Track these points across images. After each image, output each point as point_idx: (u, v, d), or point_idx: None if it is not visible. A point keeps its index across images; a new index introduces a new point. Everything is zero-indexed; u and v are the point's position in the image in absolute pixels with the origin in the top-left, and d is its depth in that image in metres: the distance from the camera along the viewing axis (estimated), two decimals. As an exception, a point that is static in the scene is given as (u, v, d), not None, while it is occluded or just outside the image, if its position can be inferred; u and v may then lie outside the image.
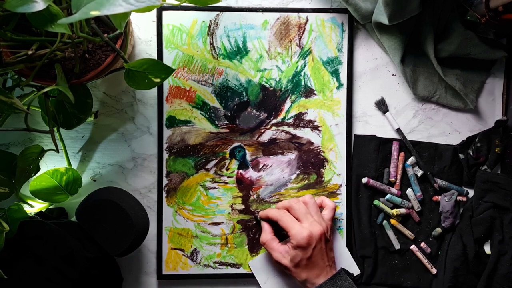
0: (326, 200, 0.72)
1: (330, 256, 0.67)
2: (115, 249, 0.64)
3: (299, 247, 0.65)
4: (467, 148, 0.75)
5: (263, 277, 0.73)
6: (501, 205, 0.72)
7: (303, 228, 0.65)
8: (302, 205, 0.68)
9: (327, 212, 0.70)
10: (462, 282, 0.72)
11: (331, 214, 0.70)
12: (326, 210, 0.70)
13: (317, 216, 0.68)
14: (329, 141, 0.74)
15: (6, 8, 0.46)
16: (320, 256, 0.65)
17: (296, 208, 0.68)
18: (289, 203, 0.68)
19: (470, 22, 0.70)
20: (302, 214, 0.67)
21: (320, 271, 0.65)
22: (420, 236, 0.75)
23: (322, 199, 0.72)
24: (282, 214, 0.67)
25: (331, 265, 0.67)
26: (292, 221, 0.66)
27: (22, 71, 0.59)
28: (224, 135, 0.74)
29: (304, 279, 0.66)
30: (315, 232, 0.65)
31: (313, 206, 0.69)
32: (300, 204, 0.68)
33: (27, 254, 0.60)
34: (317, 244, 0.65)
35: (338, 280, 0.65)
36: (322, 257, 0.66)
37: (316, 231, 0.65)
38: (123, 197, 0.65)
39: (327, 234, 0.67)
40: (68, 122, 0.65)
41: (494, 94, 0.76)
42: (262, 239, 0.69)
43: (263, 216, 0.70)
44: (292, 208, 0.68)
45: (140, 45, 0.74)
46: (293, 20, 0.73)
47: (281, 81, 0.74)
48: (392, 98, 0.76)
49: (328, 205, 0.71)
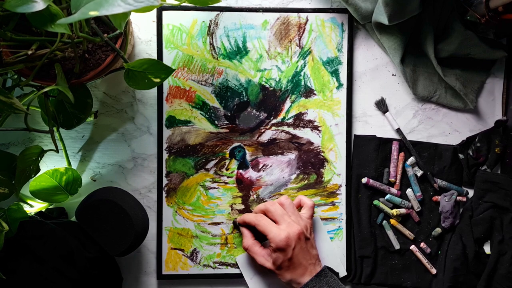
0: (303, 199, 0.72)
1: (313, 254, 0.67)
2: (115, 249, 0.64)
3: (278, 250, 0.65)
4: (467, 148, 0.75)
5: (250, 273, 0.73)
6: (501, 205, 0.72)
7: (280, 230, 0.65)
8: (278, 207, 0.68)
9: (306, 211, 0.70)
10: (462, 282, 0.72)
11: (310, 212, 0.70)
12: (305, 209, 0.71)
13: (295, 216, 0.68)
14: (329, 141, 0.74)
15: (6, 8, 0.46)
16: (302, 255, 0.65)
17: (272, 210, 0.68)
18: (265, 206, 0.69)
19: (470, 22, 0.70)
20: (278, 215, 0.67)
21: (303, 270, 0.65)
22: (420, 236, 0.75)
23: (300, 198, 0.72)
24: (258, 218, 0.68)
25: (315, 263, 0.67)
26: (269, 224, 0.66)
27: (22, 71, 0.59)
28: (224, 135, 0.74)
29: (289, 279, 0.66)
30: (292, 232, 0.65)
31: (290, 206, 0.69)
32: (276, 206, 0.68)
33: (27, 254, 0.60)
34: (296, 244, 0.65)
35: (324, 277, 0.65)
36: (304, 256, 0.66)
37: (293, 232, 0.65)
38: (123, 197, 0.65)
39: (306, 233, 0.67)
40: (68, 122, 0.65)
41: (494, 94, 0.76)
42: (243, 244, 0.69)
43: (240, 222, 0.71)
44: (268, 211, 0.68)
45: (140, 45, 0.74)
46: (293, 20, 0.73)
47: (281, 81, 0.74)
48: (392, 98, 0.76)
49: (306, 204, 0.71)
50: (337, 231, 0.75)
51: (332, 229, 0.74)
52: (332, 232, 0.74)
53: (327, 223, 0.74)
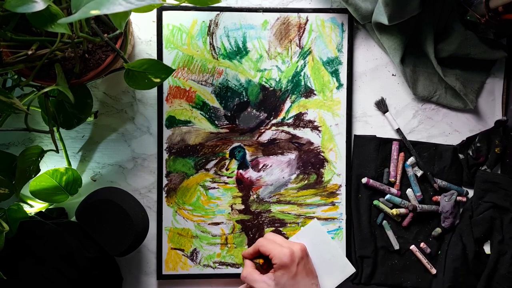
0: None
1: (314, 274, 0.67)
2: (115, 249, 0.64)
3: (282, 267, 0.64)
4: (467, 148, 0.75)
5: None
6: (501, 205, 0.72)
7: (283, 247, 0.65)
8: (271, 236, 0.69)
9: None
10: (462, 282, 0.72)
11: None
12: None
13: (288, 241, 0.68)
14: (329, 141, 0.74)
15: (6, 8, 0.46)
16: (305, 273, 0.65)
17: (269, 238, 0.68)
18: (258, 242, 0.68)
19: (470, 22, 0.70)
20: (277, 241, 0.67)
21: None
22: (420, 236, 0.75)
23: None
24: (261, 241, 0.67)
25: (317, 284, 0.67)
26: (271, 243, 0.66)
27: (22, 71, 0.59)
28: (224, 135, 0.74)
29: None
30: (296, 248, 0.65)
31: (278, 236, 0.69)
32: (269, 236, 0.69)
33: (27, 254, 0.60)
34: (300, 260, 0.65)
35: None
36: (307, 274, 0.65)
37: (296, 247, 0.66)
38: (123, 197, 0.65)
39: (307, 250, 0.67)
40: (68, 122, 0.65)
41: (494, 94, 0.76)
42: (242, 275, 0.67)
43: (246, 255, 0.69)
44: (263, 244, 0.67)
45: (140, 45, 0.74)
46: (293, 20, 0.73)
47: (281, 81, 0.74)
48: (392, 98, 0.76)
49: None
50: (337, 231, 0.75)
51: (332, 229, 0.74)
52: (332, 232, 0.74)
53: (327, 223, 0.74)
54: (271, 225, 0.74)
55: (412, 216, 0.74)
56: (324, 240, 0.73)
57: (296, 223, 0.74)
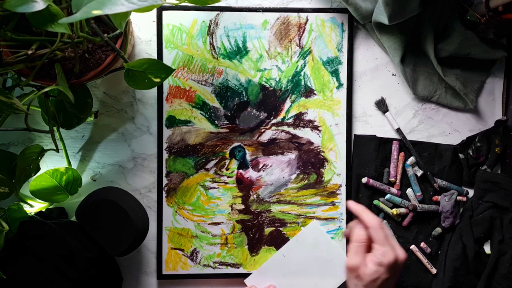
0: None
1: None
2: (115, 249, 0.64)
3: (388, 266, 0.57)
4: (467, 148, 0.75)
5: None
6: (501, 205, 0.72)
7: (400, 249, 0.58)
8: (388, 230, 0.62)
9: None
10: (462, 282, 0.72)
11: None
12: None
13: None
14: (329, 141, 0.74)
15: (6, 8, 0.46)
16: (389, 284, 0.58)
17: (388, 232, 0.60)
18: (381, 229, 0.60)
19: (470, 22, 0.70)
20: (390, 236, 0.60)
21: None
22: (420, 235, 0.75)
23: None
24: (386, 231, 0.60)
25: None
26: (386, 237, 0.59)
27: (22, 71, 0.59)
28: (224, 135, 0.74)
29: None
30: (402, 256, 0.58)
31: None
32: (387, 230, 0.61)
33: (27, 254, 0.60)
34: (398, 271, 0.58)
35: None
36: (389, 286, 0.58)
37: (403, 257, 0.58)
38: (123, 197, 0.65)
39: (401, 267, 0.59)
40: (68, 122, 0.65)
41: (494, 94, 0.76)
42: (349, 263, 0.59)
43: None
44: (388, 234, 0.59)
45: (140, 45, 0.74)
46: (293, 20, 0.73)
47: (281, 81, 0.74)
48: (392, 98, 0.76)
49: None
50: (337, 231, 0.75)
51: (332, 229, 0.74)
52: (332, 232, 0.74)
53: (327, 223, 0.74)
54: (271, 225, 0.74)
55: (412, 216, 0.74)
56: (324, 240, 0.73)
57: (296, 223, 0.74)
